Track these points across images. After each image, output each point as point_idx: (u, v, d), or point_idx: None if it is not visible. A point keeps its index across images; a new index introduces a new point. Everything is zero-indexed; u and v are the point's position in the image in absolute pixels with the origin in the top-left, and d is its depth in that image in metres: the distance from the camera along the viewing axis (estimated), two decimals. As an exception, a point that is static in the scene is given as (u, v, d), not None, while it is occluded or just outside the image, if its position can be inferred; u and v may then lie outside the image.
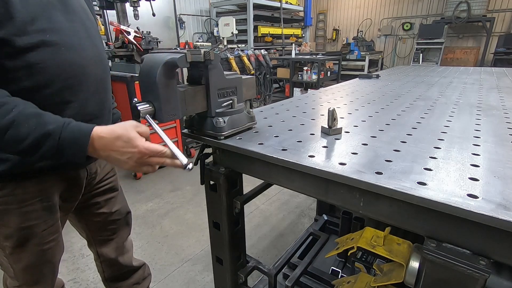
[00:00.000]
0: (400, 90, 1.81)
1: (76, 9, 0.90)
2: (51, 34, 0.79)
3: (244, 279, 1.24)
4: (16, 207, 0.89)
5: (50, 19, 0.80)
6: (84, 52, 0.89)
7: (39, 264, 1.01)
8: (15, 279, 1.02)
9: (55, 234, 1.02)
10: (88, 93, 0.92)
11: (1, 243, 0.95)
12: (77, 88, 0.88)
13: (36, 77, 0.78)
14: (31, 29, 0.75)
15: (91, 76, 0.92)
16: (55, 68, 0.81)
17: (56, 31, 0.81)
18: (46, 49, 0.78)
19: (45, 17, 0.79)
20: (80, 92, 0.89)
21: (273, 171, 0.86)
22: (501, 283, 1.33)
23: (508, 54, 6.96)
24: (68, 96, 0.86)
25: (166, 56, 0.77)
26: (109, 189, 1.22)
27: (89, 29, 0.94)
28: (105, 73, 1.00)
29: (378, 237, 1.05)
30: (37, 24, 0.76)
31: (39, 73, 0.78)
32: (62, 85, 0.83)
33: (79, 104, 0.89)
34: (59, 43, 0.81)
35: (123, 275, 1.40)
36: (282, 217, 2.71)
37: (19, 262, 0.97)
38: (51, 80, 0.81)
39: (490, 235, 0.56)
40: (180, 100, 0.82)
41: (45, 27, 0.78)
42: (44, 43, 0.77)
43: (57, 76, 0.82)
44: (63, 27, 0.83)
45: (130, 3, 3.26)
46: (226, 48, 5.34)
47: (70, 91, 0.86)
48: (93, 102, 0.95)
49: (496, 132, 0.97)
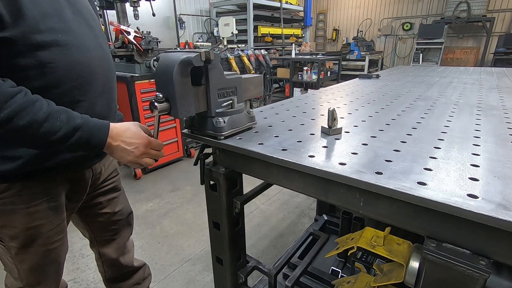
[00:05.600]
0: (400, 90, 1.81)
1: (82, 10, 0.91)
2: (62, 34, 0.81)
3: (244, 279, 1.24)
4: (23, 207, 0.89)
5: (61, 18, 0.82)
6: (92, 53, 0.91)
7: (45, 264, 1.01)
8: (19, 280, 1.02)
9: (61, 234, 1.02)
10: (96, 93, 0.93)
11: (7, 243, 0.95)
12: (86, 88, 0.89)
13: (47, 77, 0.79)
14: (44, 27, 0.76)
15: (98, 77, 0.93)
16: (65, 67, 0.82)
17: (66, 31, 0.82)
18: (57, 48, 0.80)
19: (55, 16, 0.80)
20: (89, 92, 0.91)
21: (273, 171, 0.86)
22: (501, 283, 1.33)
23: (508, 54, 6.96)
24: (78, 95, 0.87)
25: (182, 55, 0.79)
26: (112, 189, 1.23)
27: (94, 30, 0.95)
28: (111, 74, 1.02)
29: (378, 237, 1.05)
30: (49, 22, 0.78)
31: (50, 72, 0.79)
32: (72, 85, 0.85)
33: (88, 104, 0.91)
34: (69, 43, 0.83)
35: (123, 275, 1.40)
36: (282, 217, 2.71)
37: (25, 263, 0.97)
38: (61, 79, 0.82)
39: (490, 235, 0.56)
40: (193, 97, 0.86)
41: (56, 27, 0.79)
42: (55, 42, 0.79)
43: (67, 75, 0.83)
44: (72, 27, 0.85)
45: (130, 3, 3.27)
46: (226, 48, 5.34)
47: (79, 91, 0.88)
48: (101, 102, 0.96)
49: (496, 132, 0.97)
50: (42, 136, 0.73)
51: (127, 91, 3.12)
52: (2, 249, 0.98)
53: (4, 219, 0.90)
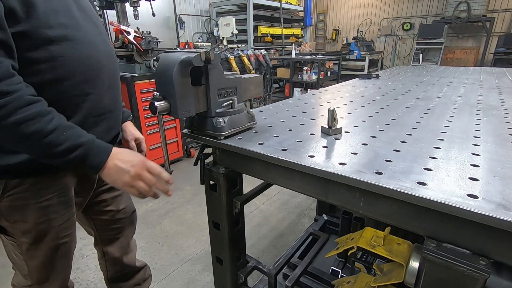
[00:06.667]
0: (400, 90, 1.81)
1: (85, 8, 0.95)
2: (71, 29, 0.85)
3: (244, 279, 1.24)
4: (34, 202, 0.91)
5: (69, 15, 0.85)
6: (99, 48, 0.94)
7: (55, 259, 1.02)
8: (28, 277, 1.03)
9: (71, 229, 1.04)
10: (104, 86, 0.96)
11: (18, 239, 0.96)
12: (95, 82, 0.92)
13: (58, 70, 0.82)
14: (54, 23, 0.80)
15: (105, 71, 0.96)
16: (75, 61, 0.85)
17: (74, 26, 0.86)
18: (67, 43, 0.83)
19: (64, 12, 0.84)
20: (97, 85, 0.93)
21: (273, 171, 0.86)
22: (501, 283, 1.33)
23: (508, 54, 6.95)
24: (87, 88, 0.90)
25: (182, 55, 0.80)
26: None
27: (98, 27, 0.98)
28: (116, 69, 1.05)
29: (378, 237, 1.05)
30: (59, 18, 0.81)
31: (61, 66, 0.82)
32: (81, 78, 0.88)
33: (97, 96, 0.94)
34: (78, 38, 0.86)
35: (125, 275, 1.40)
36: (282, 217, 2.71)
37: (35, 259, 0.99)
38: (71, 72, 0.85)
39: (490, 235, 0.56)
40: (193, 97, 0.86)
41: (65, 22, 0.83)
42: (65, 37, 0.82)
43: (76, 69, 0.86)
44: (80, 24, 0.88)
45: (130, 3, 3.26)
46: (226, 48, 5.34)
47: (88, 84, 0.90)
48: (108, 95, 0.99)
49: (496, 132, 0.97)
50: (46, 145, 0.75)
51: (127, 91, 3.12)
52: (13, 245, 0.99)
53: (16, 214, 0.91)
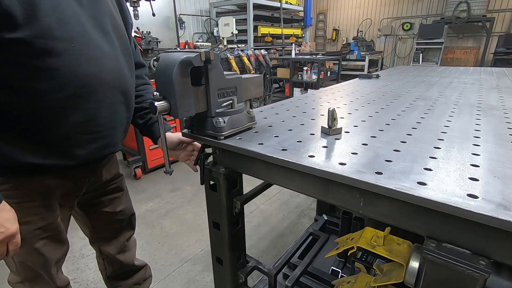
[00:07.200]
0: (400, 90, 1.81)
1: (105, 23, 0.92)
2: (77, 43, 0.82)
3: (244, 279, 1.24)
4: (16, 202, 0.90)
5: (79, 28, 0.83)
6: (104, 64, 0.90)
7: (36, 261, 1.01)
8: (17, 273, 1.03)
9: (53, 231, 1.02)
10: (100, 104, 0.92)
11: None
12: (90, 98, 0.89)
13: (53, 81, 0.80)
14: (60, 35, 0.77)
15: (107, 88, 0.92)
16: (72, 75, 0.83)
17: (81, 40, 0.83)
18: (67, 57, 0.80)
19: (74, 25, 0.81)
20: (92, 102, 0.90)
21: (273, 171, 0.86)
22: (501, 283, 1.32)
23: (508, 54, 6.96)
24: (78, 103, 0.87)
25: (182, 55, 0.79)
26: (115, 189, 1.25)
27: (114, 43, 0.95)
28: (124, 86, 0.99)
29: (378, 237, 1.05)
30: (66, 30, 0.79)
31: (56, 77, 0.80)
32: (75, 92, 0.85)
33: (89, 113, 0.90)
34: (81, 53, 0.83)
35: (124, 273, 1.40)
36: (282, 217, 2.71)
37: (16, 257, 0.98)
38: (66, 84, 0.83)
39: (490, 235, 0.56)
40: (193, 97, 0.86)
41: (72, 35, 0.81)
42: (67, 51, 0.80)
43: (72, 83, 0.83)
44: (92, 38, 0.86)
45: (130, 3, 3.27)
46: (226, 48, 5.34)
47: (81, 99, 0.87)
48: (106, 113, 0.95)
49: (496, 132, 0.97)
50: None
51: (127, 91, 3.12)
52: None
53: None
